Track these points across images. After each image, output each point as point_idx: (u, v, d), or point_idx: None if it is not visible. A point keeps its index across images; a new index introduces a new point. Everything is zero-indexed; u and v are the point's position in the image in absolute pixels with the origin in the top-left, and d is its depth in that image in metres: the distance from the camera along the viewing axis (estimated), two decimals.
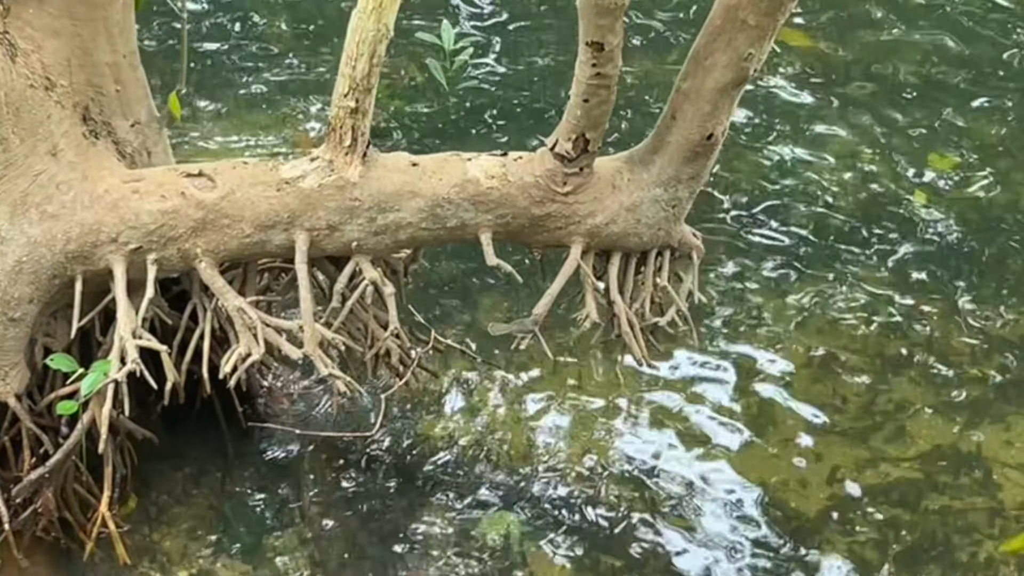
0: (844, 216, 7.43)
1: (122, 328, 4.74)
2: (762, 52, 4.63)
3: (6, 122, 4.54)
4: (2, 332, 4.76)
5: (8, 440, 5.09)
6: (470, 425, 6.03)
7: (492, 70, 8.64)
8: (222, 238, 4.79)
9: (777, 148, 8.00)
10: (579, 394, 6.20)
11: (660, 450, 5.94)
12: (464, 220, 4.89)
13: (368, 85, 4.61)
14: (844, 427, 6.08)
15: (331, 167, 4.77)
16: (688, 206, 5.07)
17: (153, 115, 5.18)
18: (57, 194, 4.70)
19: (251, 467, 5.76)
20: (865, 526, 5.60)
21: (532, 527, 5.56)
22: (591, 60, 4.51)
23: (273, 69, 8.61)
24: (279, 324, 4.92)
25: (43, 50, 4.70)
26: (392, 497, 5.65)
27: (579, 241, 4.98)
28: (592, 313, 5.10)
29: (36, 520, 5.10)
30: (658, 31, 9.01)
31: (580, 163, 4.80)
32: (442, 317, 6.51)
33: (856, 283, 6.93)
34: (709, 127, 4.77)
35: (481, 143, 7.70)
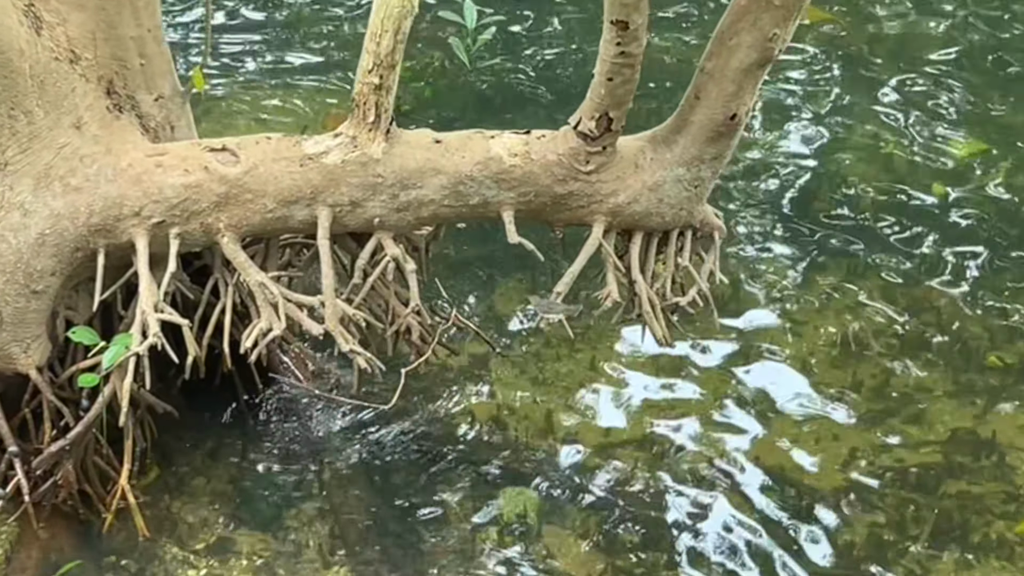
0: (865, 200, 7.43)
1: (144, 302, 4.75)
2: (787, 32, 4.62)
3: (31, 95, 4.55)
4: (24, 305, 4.77)
5: (29, 412, 5.11)
6: (488, 402, 6.03)
7: (515, 49, 8.63)
8: (245, 213, 4.79)
9: (798, 131, 8.00)
10: (597, 373, 6.21)
11: (677, 429, 5.94)
12: (486, 198, 4.90)
13: (392, 61, 4.62)
14: (862, 410, 6.07)
15: (354, 143, 4.77)
16: (711, 186, 5.07)
17: (177, 89, 5.19)
18: (81, 167, 4.71)
19: (270, 441, 5.77)
20: (882, 508, 5.60)
21: (549, 504, 5.57)
22: (615, 39, 4.51)
23: (297, 44, 8.62)
24: (300, 299, 4.92)
25: (68, 23, 4.72)
26: (410, 473, 5.66)
27: (601, 220, 4.98)
28: (613, 292, 5.10)
29: (56, 492, 5.12)
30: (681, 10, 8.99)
31: (603, 142, 4.80)
32: (462, 294, 6.52)
33: (876, 267, 6.92)
34: (733, 107, 4.76)
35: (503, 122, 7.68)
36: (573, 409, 6.03)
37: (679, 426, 5.95)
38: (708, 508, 5.58)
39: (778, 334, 6.47)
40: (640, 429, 5.93)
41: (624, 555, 5.38)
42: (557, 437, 5.88)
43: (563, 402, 6.05)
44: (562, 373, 6.20)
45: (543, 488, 5.64)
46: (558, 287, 5.06)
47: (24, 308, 4.78)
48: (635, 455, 5.80)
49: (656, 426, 5.95)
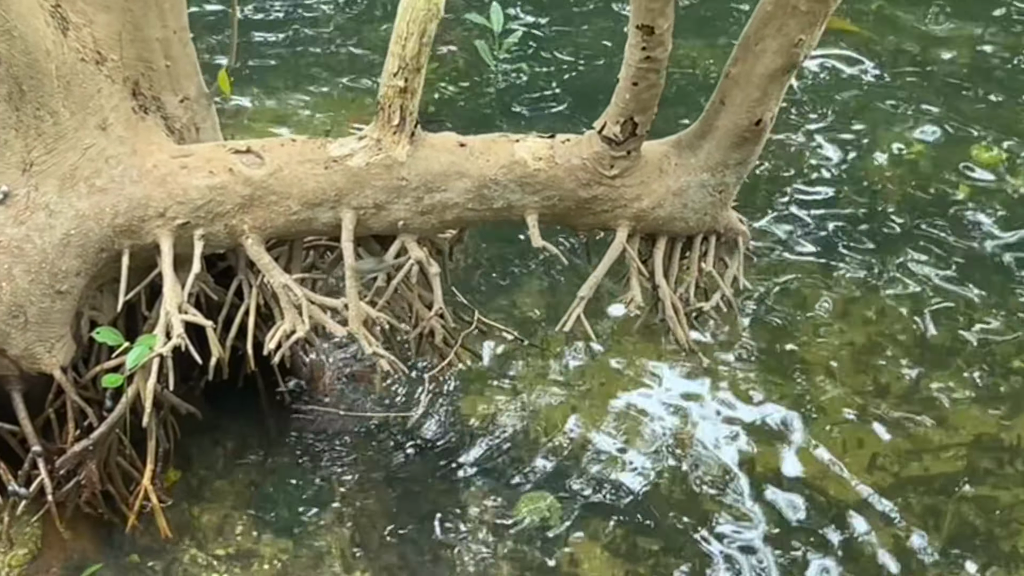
0: (889, 206, 7.41)
1: (168, 303, 4.75)
2: (812, 38, 4.60)
3: (56, 95, 4.56)
4: (49, 305, 4.78)
5: (53, 412, 5.12)
6: (510, 407, 6.03)
7: (540, 53, 8.63)
8: (269, 215, 4.80)
9: (823, 137, 7.98)
10: (619, 378, 6.20)
11: (700, 434, 5.94)
12: (511, 201, 4.89)
13: (417, 65, 4.61)
14: (886, 415, 6.06)
15: (379, 146, 4.77)
16: (735, 191, 5.06)
17: (202, 91, 5.19)
18: (106, 168, 4.72)
19: (292, 443, 5.78)
20: (906, 514, 5.58)
21: (570, 509, 5.57)
22: (641, 43, 4.49)
23: (322, 47, 8.64)
24: (324, 301, 4.93)
25: (94, 24, 4.72)
26: (432, 477, 5.67)
27: (625, 224, 4.98)
28: (637, 297, 5.09)
29: (79, 492, 5.13)
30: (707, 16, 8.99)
31: (628, 146, 4.79)
32: (485, 298, 6.52)
33: (900, 273, 6.91)
34: (758, 113, 4.75)
35: (527, 125, 7.71)
36: (596, 414, 6.02)
37: (702, 431, 5.94)
38: (731, 514, 5.57)
39: (802, 339, 6.46)
40: (662, 434, 5.93)
41: (645, 562, 5.38)
42: (579, 442, 5.87)
43: (586, 407, 6.05)
44: (584, 376, 6.20)
45: (565, 493, 5.63)
46: (582, 291, 5.06)
47: (49, 308, 4.79)
48: (657, 460, 5.80)
49: (678, 431, 5.94)
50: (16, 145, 4.54)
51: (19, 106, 4.48)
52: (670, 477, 5.72)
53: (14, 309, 4.72)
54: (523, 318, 6.46)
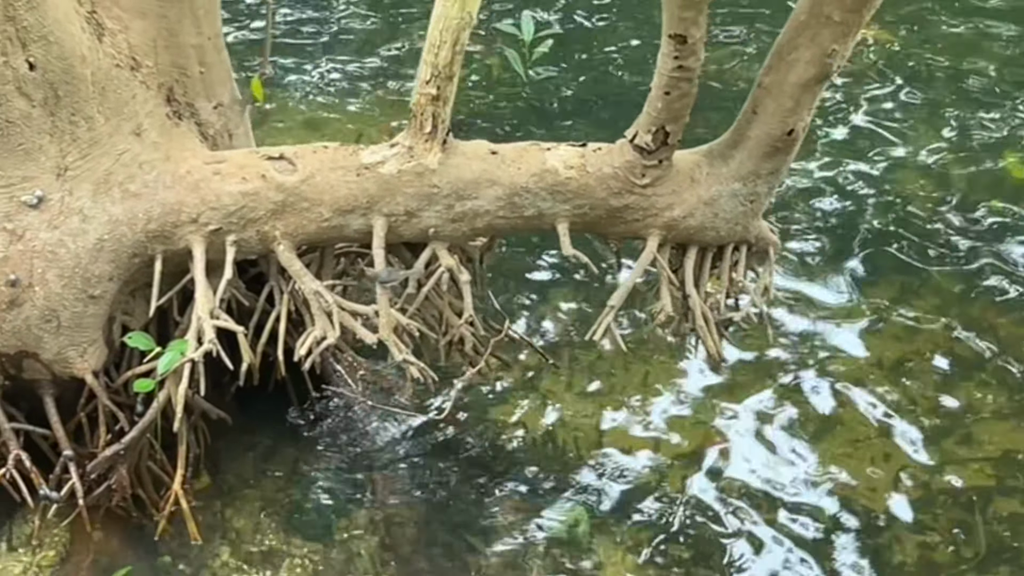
0: (919, 218, 7.40)
1: (200, 308, 4.78)
2: (846, 48, 4.60)
3: (91, 101, 4.59)
4: (82, 309, 4.80)
5: (85, 416, 5.14)
6: (540, 415, 6.04)
7: (570, 61, 8.64)
8: (301, 221, 4.82)
9: (851, 146, 7.98)
10: (649, 387, 6.20)
11: (728, 446, 5.93)
12: (542, 209, 4.90)
13: (450, 73, 4.63)
14: (913, 429, 6.04)
15: (411, 153, 4.78)
16: (767, 201, 5.06)
17: (236, 97, 5.23)
18: (140, 173, 4.75)
19: (322, 449, 5.79)
20: (934, 529, 5.56)
21: (600, 518, 5.56)
22: (673, 52, 4.50)
23: (353, 54, 8.65)
24: (355, 308, 4.94)
25: (130, 30, 4.76)
26: (462, 484, 5.67)
27: (656, 234, 4.98)
28: (667, 306, 5.09)
29: (110, 496, 5.15)
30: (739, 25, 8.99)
31: (659, 155, 4.79)
32: (515, 306, 6.52)
33: (930, 284, 6.89)
34: (790, 123, 4.75)
35: (558, 134, 7.71)
36: (625, 422, 6.02)
37: (730, 442, 5.94)
38: (758, 525, 5.56)
39: (831, 352, 6.45)
40: (691, 444, 5.92)
41: (673, 571, 5.37)
42: (608, 450, 5.87)
43: (615, 415, 6.05)
44: (614, 386, 6.19)
45: (593, 501, 5.63)
46: (612, 300, 5.06)
47: (81, 312, 4.81)
48: (686, 470, 5.79)
49: (707, 441, 5.93)
50: (51, 150, 4.56)
51: (54, 111, 4.50)
52: (699, 487, 5.71)
53: (47, 313, 4.75)
54: (553, 327, 6.46)
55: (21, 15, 4.25)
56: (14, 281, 4.65)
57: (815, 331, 6.57)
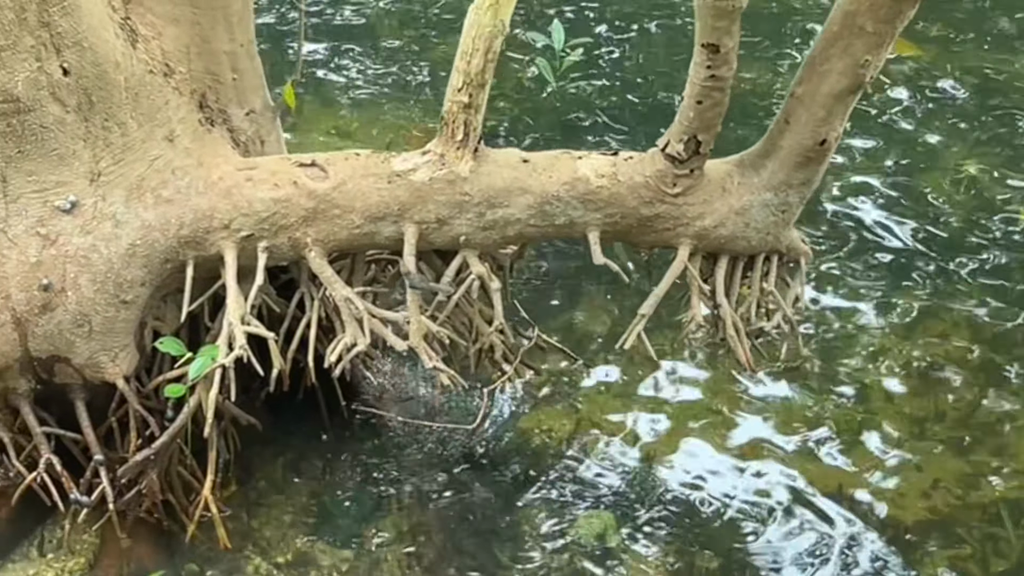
0: (950, 229, 7.38)
1: (231, 314, 4.78)
2: (879, 59, 4.59)
3: (125, 107, 4.60)
4: (114, 314, 4.82)
5: (115, 421, 5.15)
6: (569, 423, 6.03)
7: (601, 70, 8.64)
8: (332, 228, 4.82)
9: (883, 158, 7.96)
10: (678, 397, 6.19)
11: (758, 455, 5.92)
12: (573, 218, 4.90)
13: (482, 80, 4.63)
14: (945, 439, 6.02)
15: (442, 161, 4.79)
16: (798, 211, 5.04)
17: (268, 104, 5.23)
18: (172, 179, 4.76)
19: (351, 456, 5.80)
20: (965, 540, 5.54)
21: (628, 526, 5.55)
22: (706, 62, 4.50)
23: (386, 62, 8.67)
24: (385, 315, 4.95)
25: (163, 37, 4.77)
26: (490, 492, 5.67)
27: (687, 243, 4.97)
28: (697, 316, 5.09)
29: (140, 501, 5.16)
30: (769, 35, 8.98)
31: (691, 165, 4.79)
32: (545, 314, 6.52)
33: (960, 296, 6.87)
34: (822, 133, 4.74)
35: (589, 143, 7.72)
36: (654, 430, 6.01)
37: (760, 452, 5.92)
38: (788, 536, 5.55)
39: (861, 362, 6.43)
40: (720, 453, 5.91)
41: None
42: (637, 458, 5.87)
43: (644, 423, 6.04)
44: (643, 394, 6.19)
45: (622, 510, 5.63)
46: (643, 309, 5.06)
47: (113, 317, 4.82)
48: (715, 479, 5.78)
49: (737, 451, 5.92)
50: (84, 155, 4.58)
51: (88, 117, 4.52)
52: (728, 496, 5.71)
53: (79, 318, 4.77)
54: (583, 335, 6.46)
55: (56, 21, 4.26)
56: (47, 286, 4.66)
57: (846, 338, 6.55)
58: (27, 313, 4.70)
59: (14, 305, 4.68)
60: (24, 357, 4.83)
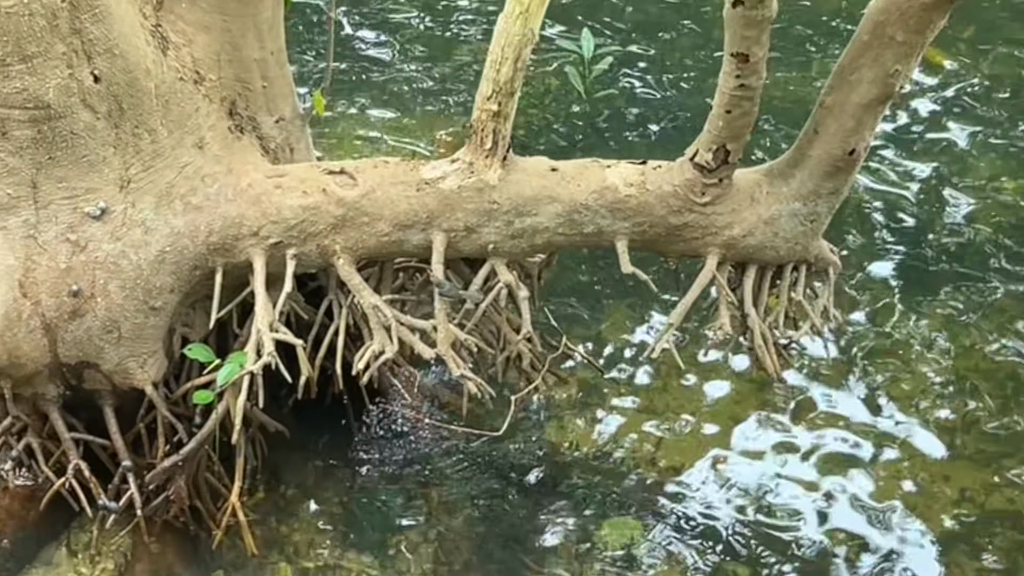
0: (980, 241, 7.35)
1: (259, 321, 4.79)
2: (909, 69, 4.58)
3: (155, 113, 4.62)
4: (143, 320, 4.83)
5: (144, 427, 5.17)
6: (595, 431, 6.03)
7: (630, 79, 8.64)
8: (361, 236, 4.83)
9: (912, 167, 7.93)
10: (705, 405, 6.18)
11: (785, 464, 5.91)
12: (601, 227, 4.90)
13: (511, 89, 4.63)
14: (973, 450, 6.00)
15: (471, 169, 4.79)
16: (827, 221, 5.03)
17: (297, 112, 5.24)
18: (202, 186, 4.78)
19: (378, 464, 5.80)
20: (993, 551, 5.53)
21: (654, 535, 5.55)
22: (735, 71, 4.49)
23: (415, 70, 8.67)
24: (413, 323, 4.95)
25: (194, 44, 4.78)
26: (517, 499, 5.67)
27: (715, 252, 4.97)
28: (726, 325, 5.08)
29: (168, 507, 5.18)
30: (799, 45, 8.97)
31: (720, 174, 4.78)
32: (572, 322, 6.52)
33: (989, 305, 6.84)
34: (852, 142, 4.73)
35: (617, 151, 7.71)
36: (680, 439, 6.01)
37: (786, 461, 5.92)
38: (814, 545, 5.54)
39: (889, 371, 6.41)
40: (747, 462, 5.91)
41: None
42: (663, 467, 5.86)
43: (670, 432, 6.04)
44: (670, 403, 6.18)
45: (648, 518, 5.62)
46: (671, 318, 5.05)
47: (142, 324, 4.84)
48: (741, 488, 5.77)
49: (763, 460, 5.92)
50: (114, 162, 4.59)
51: (118, 123, 4.53)
52: (754, 506, 5.70)
53: (108, 324, 4.78)
54: (611, 344, 6.46)
55: (87, 28, 4.28)
56: (76, 292, 4.68)
57: (875, 350, 6.53)
58: (57, 319, 4.72)
59: (44, 311, 4.70)
60: (53, 363, 4.85)
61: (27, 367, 4.81)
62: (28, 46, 4.21)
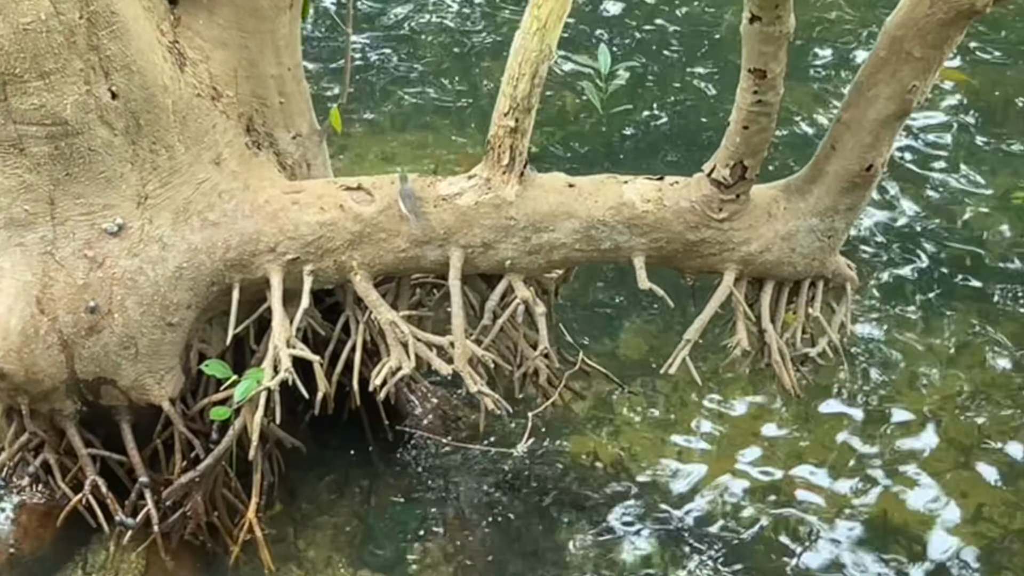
0: (994, 256, 7.33)
1: (277, 337, 4.80)
2: (926, 85, 4.57)
3: (172, 130, 4.62)
4: (160, 337, 4.84)
5: (161, 443, 5.18)
6: (613, 447, 6.02)
7: (647, 95, 8.63)
8: (378, 252, 4.83)
9: (928, 183, 7.92)
10: (722, 421, 6.17)
11: (801, 480, 5.89)
12: (618, 243, 4.89)
13: (528, 105, 4.63)
14: (989, 466, 5.98)
15: (488, 185, 4.79)
16: (844, 237, 5.03)
17: (314, 128, 5.25)
18: (219, 202, 4.78)
19: (395, 479, 5.80)
20: (1011, 569, 5.51)
21: (672, 551, 5.55)
22: (752, 87, 4.49)
23: (431, 86, 8.68)
24: (430, 339, 4.95)
25: (211, 60, 4.79)
26: (534, 515, 5.66)
27: (732, 268, 4.96)
28: (743, 341, 5.07)
29: (184, 523, 5.18)
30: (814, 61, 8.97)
31: (737, 190, 4.78)
32: (590, 338, 6.51)
33: (1007, 320, 6.82)
34: (869, 158, 4.73)
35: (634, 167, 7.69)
36: (699, 455, 6.00)
37: (804, 478, 5.90)
38: (833, 562, 5.53)
39: (906, 387, 6.40)
40: (765, 479, 5.89)
41: None
42: (682, 485, 5.85)
43: (689, 448, 6.02)
44: (689, 418, 6.17)
45: (667, 535, 5.61)
46: (688, 334, 5.04)
47: (159, 340, 4.84)
48: (760, 505, 5.76)
49: (781, 477, 5.90)
50: (132, 178, 4.60)
51: (135, 140, 4.54)
52: (772, 522, 5.69)
53: (125, 340, 4.79)
54: (628, 360, 6.45)
55: (104, 44, 4.29)
56: (94, 308, 4.69)
57: (892, 364, 6.52)
58: (74, 335, 4.73)
59: (61, 327, 4.71)
60: (71, 379, 4.86)
61: (44, 383, 4.81)
62: (46, 62, 4.21)
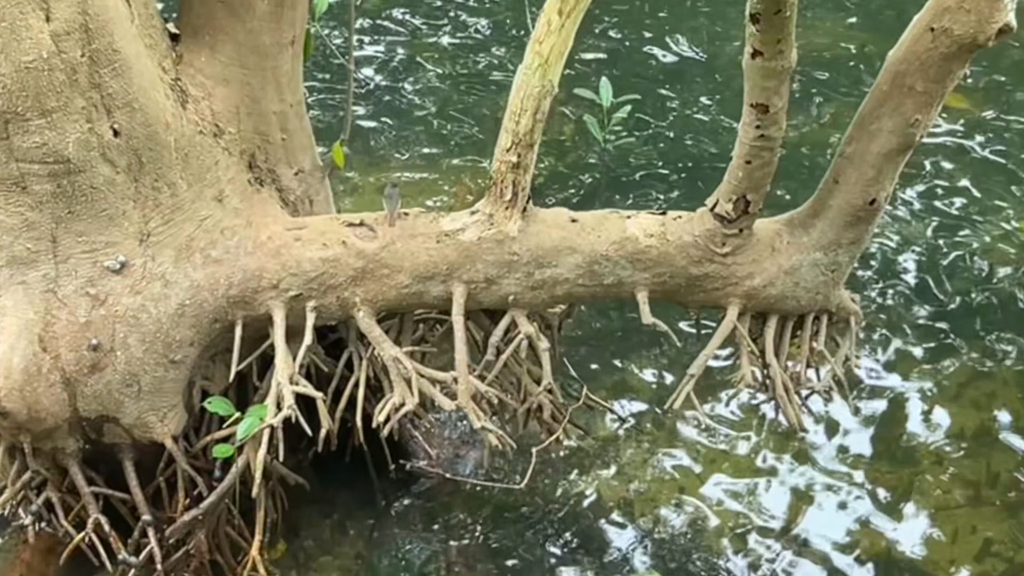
0: (1001, 284, 7.33)
1: (280, 374, 4.79)
2: (929, 118, 4.58)
3: (175, 167, 4.62)
4: (162, 374, 4.83)
5: (164, 481, 5.16)
6: (617, 483, 6.00)
7: (649, 128, 8.63)
8: (381, 288, 4.83)
9: (932, 214, 7.91)
10: (728, 457, 6.15)
11: (808, 516, 5.88)
12: (621, 278, 4.89)
13: (531, 140, 4.64)
14: (997, 501, 5.96)
15: (491, 221, 4.79)
16: (848, 271, 5.03)
17: (317, 164, 5.25)
18: (221, 239, 4.78)
19: (399, 517, 5.78)
20: None
21: None
22: (755, 122, 4.49)
23: (433, 121, 8.69)
24: (434, 375, 4.94)
25: (213, 97, 4.80)
26: (538, 552, 5.65)
27: (736, 303, 4.96)
28: (747, 376, 5.06)
29: (188, 561, 5.16)
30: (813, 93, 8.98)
31: (740, 224, 4.78)
32: (593, 374, 6.50)
33: (1009, 355, 6.81)
34: (872, 192, 4.73)
35: (636, 201, 7.70)
36: (703, 494, 5.98)
37: (812, 513, 5.88)
38: None
39: (910, 423, 6.38)
40: (771, 513, 5.87)
41: None
42: (686, 521, 5.83)
43: (693, 483, 6.01)
44: (693, 453, 6.15)
45: (672, 572, 5.59)
46: (692, 369, 5.04)
47: (162, 377, 4.83)
48: (766, 540, 5.74)
49: (787, 512, 5.88)
50: (134, 216, 4.60)
51: (138, 177, 4.54)
52: (777, 560, 5.67)
53: (128, 378, 4.78)
54: (632, 394, 6.43)
55: (107, 82, 4.29)
56: (96, 346, 4.68)
57: (895, 400, 6.50)
58: (76, 373, 4.72)
59: (63, 365, 4.69)
60: (73, 417, 4.84)
61: (47, 421, 4.79)
62: (48, 101, 4.21)
